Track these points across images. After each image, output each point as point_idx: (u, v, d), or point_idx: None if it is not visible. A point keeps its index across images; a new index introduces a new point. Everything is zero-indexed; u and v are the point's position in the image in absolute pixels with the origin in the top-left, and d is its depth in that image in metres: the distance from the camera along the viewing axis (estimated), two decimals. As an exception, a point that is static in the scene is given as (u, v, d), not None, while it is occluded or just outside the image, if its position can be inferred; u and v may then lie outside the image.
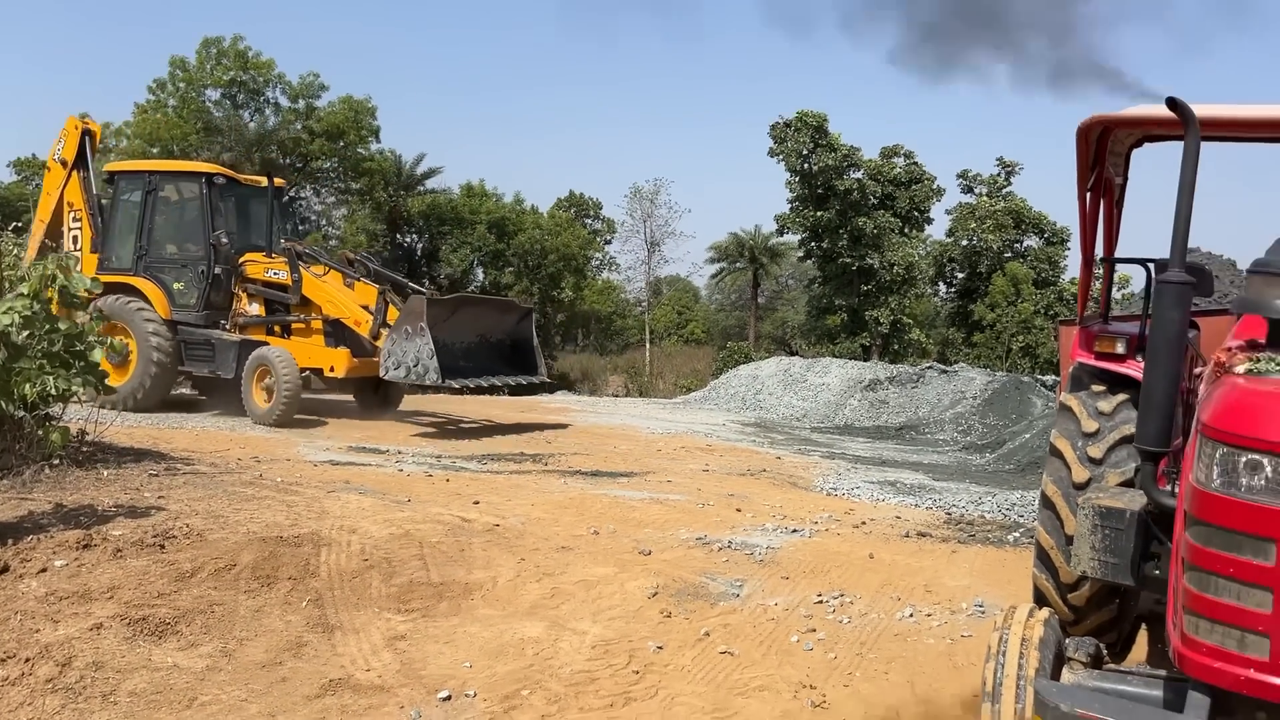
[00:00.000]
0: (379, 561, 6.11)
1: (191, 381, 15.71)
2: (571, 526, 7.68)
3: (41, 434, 7.52)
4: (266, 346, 13.85)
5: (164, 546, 5.84)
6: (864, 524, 8.72)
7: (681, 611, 5.83)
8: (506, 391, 21.14)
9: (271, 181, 15.27)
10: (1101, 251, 5.11)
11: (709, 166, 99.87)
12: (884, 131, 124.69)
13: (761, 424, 19.25)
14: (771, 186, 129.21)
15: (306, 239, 33.72)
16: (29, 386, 7.28)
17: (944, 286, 45.56)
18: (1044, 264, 40.09)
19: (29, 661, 4.38)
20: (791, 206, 39.86)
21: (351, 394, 15.80)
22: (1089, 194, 4.75)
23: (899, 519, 9.11)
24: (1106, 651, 3.53)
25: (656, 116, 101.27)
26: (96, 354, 7.94)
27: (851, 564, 7.21)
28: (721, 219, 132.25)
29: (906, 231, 39.99)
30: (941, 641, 5.69)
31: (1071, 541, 3.86)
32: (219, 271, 14.34)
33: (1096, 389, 4.54)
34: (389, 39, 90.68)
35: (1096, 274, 5.17)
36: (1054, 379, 21.84)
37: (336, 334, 14.13)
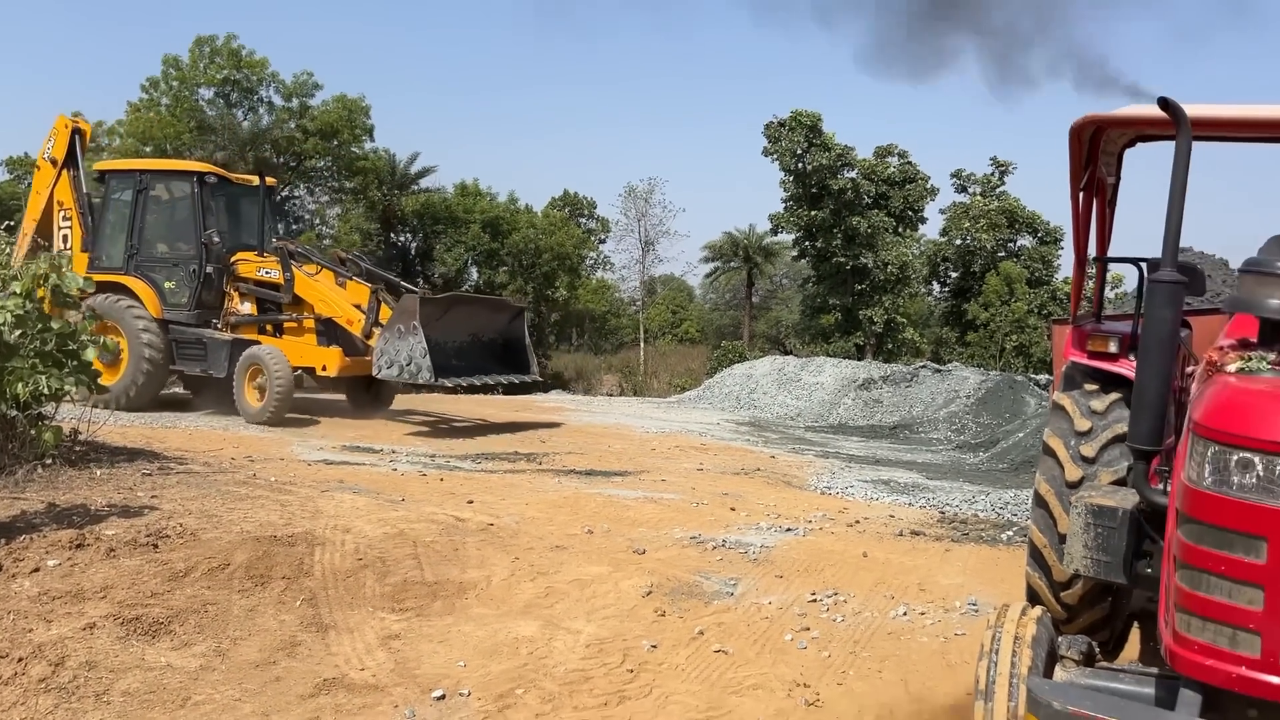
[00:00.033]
0: (373, 561, 6.10)
1: (182, 381, 15.69)
2: (566, 526, 7.68)
3: (34, 433, 7.50)
4: (259, 345, 13.82)
5: (157, 546, 5.83)
6: (858, 523, 8.74)
7: (676, 610, 5.84)
8: (500, 391, 21.15)
9: (263, 180, 15.24)
10: (1094, 251, 5.12)
11: (703, 166, 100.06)
12: (878, 131, 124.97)
13: (756, 423, 19.27)
14: (766, 186, 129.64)
15: (300, 238, 33.67)
16: (21, 386, 7.27)
17: (938, 286, 45.70)
18: (1037, 263, 40.19)
19: (22, 661, 4.37)
20: (786, 206, 39.92)
21: (344, 393, 15.79)
22: (1082, 194, 4.76)
23: (893, 518, 9.12)
24: (1099, 649, 3.54)
25: (651, 116, 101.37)
26: (89, 353, 7.93)
27: (845, 563, 7.22)
28: (716, 218, 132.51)
29: (900, 231, 40.06)
30: (935, 640, 5.70)
31: (1064, 540, 3.87)
32: (210, 270, 14.30)
33: (1089, 388, 4.55)
34: (383, 38, 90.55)
35: (1089, 273, 5.19)
36: (1047, 378, 21.88)
37: (329, 333, 14.12)
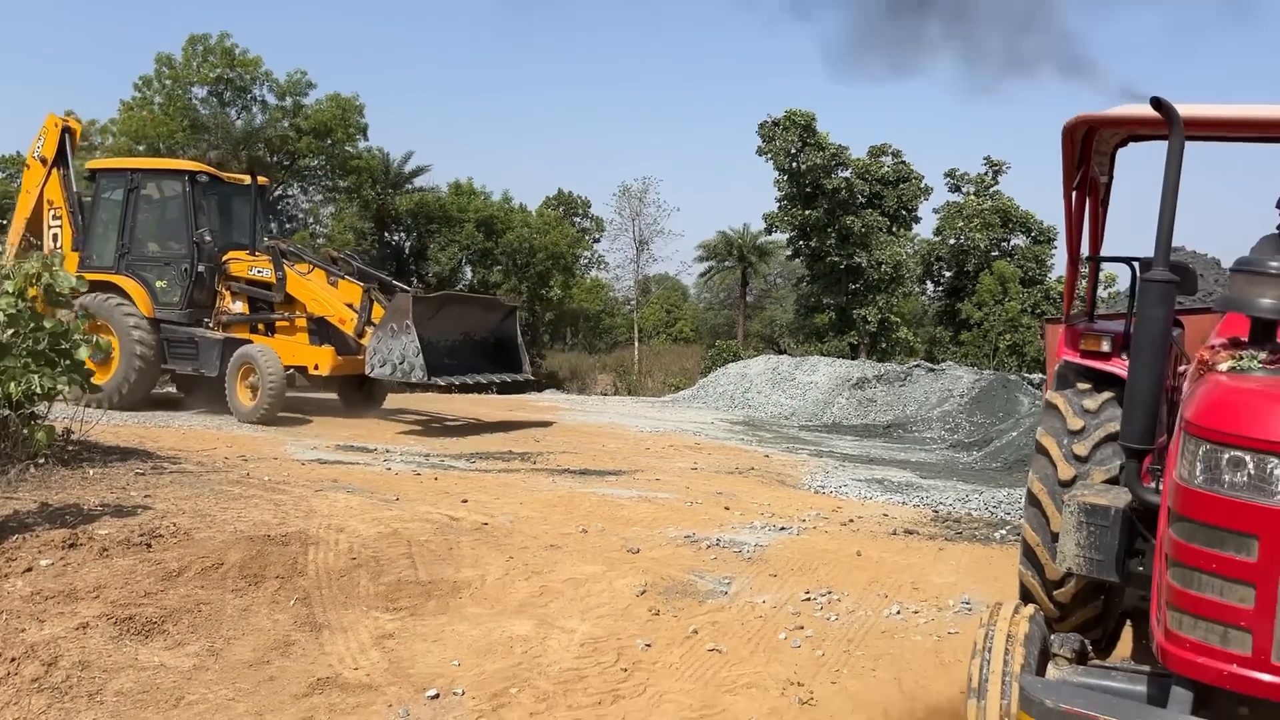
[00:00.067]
0: (367, 560, 6.10)
1: (174, 380, 15.65)
2: (560, 525, 7.68)
3: (27, 433, 7.48)
4: (251, 344, 13.81)
5: (150, 546, 5.82)
6: (851, 522, 8.75)
7: (670, 609, 5.84)
8: (495, 390, 21.13)
9: (255, 180, 15.23)
10: (1087, 250, 5.14)
11: (698, 165, 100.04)
12: (872, 130, 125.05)
13: (750, 422, 19.28)
14: (760, 185, 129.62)
15: (293, 237, 33.61)
16: (14, 385, 7.25)
17: (931, 285, 45.72)
18: (1031, 263, 40.25)
19: (15, 661, 4.36)
20: (780, 205, 39.92)
21: (336, 392, 15.78)
22: (1075, 193, 4.77)
23: (886, 517, 9.13)
24: (1091, 647, 3.55)
25: (645, 115, 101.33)
26: (82, 352, 7.91)
27: (839, 562, 7.23)
28: (710, 218, 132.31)
29: (894, 230, 40.09)
30: (928, 638, 5.71)
31: (1057, 538, 3.88)
32: (202, 269, 14.28)
33: (1082, 387, 4.56)
34: (376, 37, 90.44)
35: (1082, 273, 5.20)
36: (1040, 377, 21.93)
37: (321, 332, 14.11)
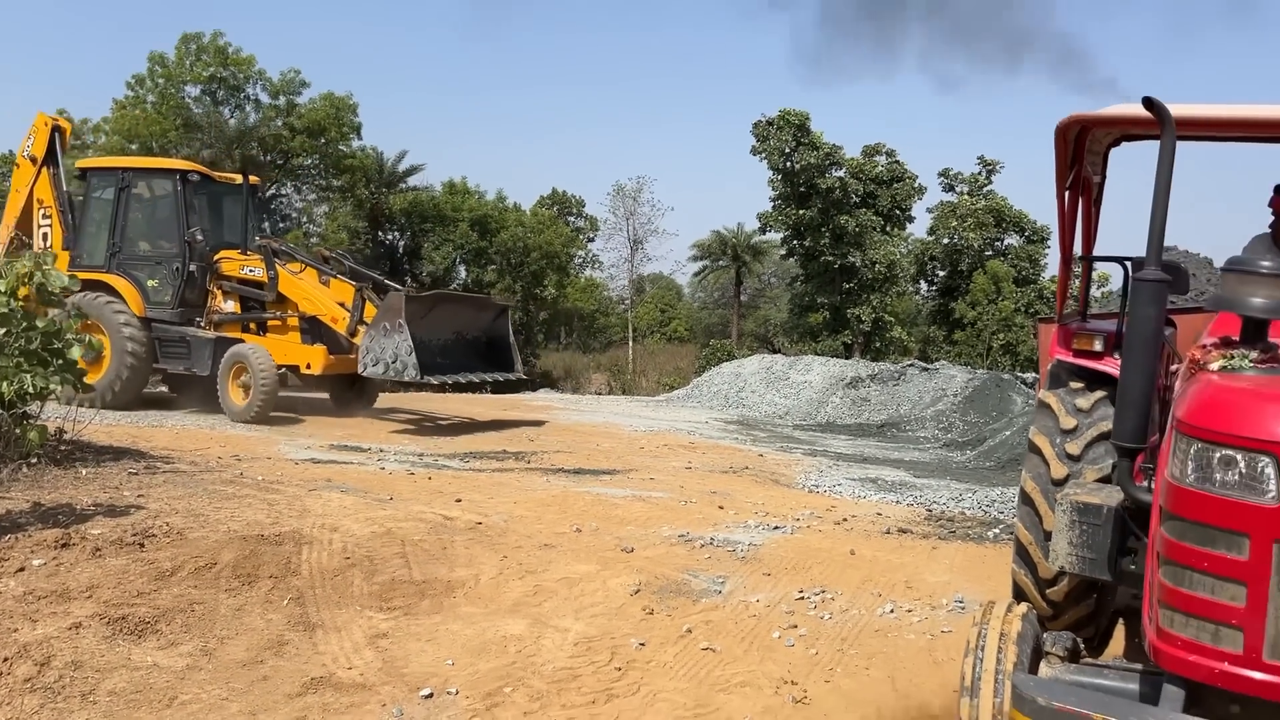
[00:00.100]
0: (361, 560, 6.09)
1: (165, 379, 15.61)
2: (554, 524, 7.68)
3: (19, 432, 7.46)
4: (243, 343, 13.79)
5: (143, 545, 5.81)
6: (845, 521, 8.76)
7: (664, 608, 5.84)
8: (489, 389, 21.11)
9: (246, 179, 15.21)
10: (1080, 250, 5.15)
11: (692, 165, 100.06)
12: (865, 130, 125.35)
13: (744, 421, 19.29)
14: (754, 185, 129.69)
15: (287, 236, 33.57)
16: (6, 385, 7.23)
17: (925, 284, 45.80)
18: (1024, 262, 40.34)
19: (7, 661, 4.35)
20: (774, 205, 39.96)
21: (327, 391, 15.77)
22: (1068, 193, 4.79)
23: (880, 516, 9.15)
24: (1084, 646, 3.56)
25: (639, 114, 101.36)
26: (74, 351, 7.89)
27: (833, 561, 7.24)
28: (704, 217, 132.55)
29: (888, 230, 40.14)
30: (922, 637, 5.72)
31: (1050, 537, 3.89)
32: (194, 269, 14.25)
33: (1075, 386, 4.58)
34: (370, 36, 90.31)
35: (1075, 272, 5.22)
36: (1034, 376, 21.99)
37: (313, 331, 14.09)
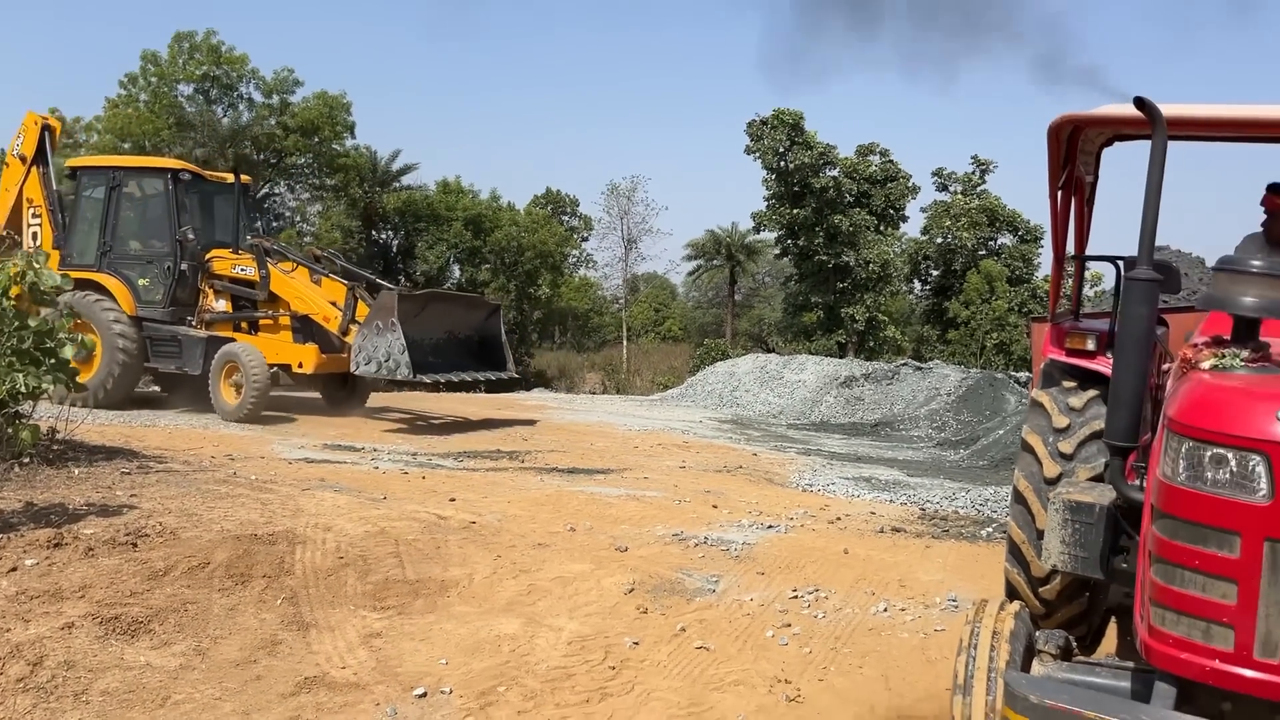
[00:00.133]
0: (354, 559, 6.09)
1: (155, 378, 15.58)
2: (548, 523, 7.68)
3: (11, 432, 7.44)
4: (234, 342, 13.78)
5: (136, 545, 5.80)
6: (839, 520, 8.77)
7: (658, 607, 5.85)
8: (483, 388, 21.10)
9: (238, 178, 15.20)
10: (1072, 249, 5.16)
11: (686, 164, 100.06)
12: (859, 129, 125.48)
13: (738, 421, 19.31)
14: (748, 184, 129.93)
15: (280, 235, 33.49)
16: (-2, 384, 7.21)
17: (919, 284, 45.83)
18: (1018, 261, 40.38)
19: (0, 661, 4.34)
20: (768, 204, 39.95)
21: (319, 390, 15.76)
22: (1060, 192, 4.80)
23: (873, 515, 9.17)
24: (1076, 644, 3.57)
25: (633, 114, 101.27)
26: (67, 351, 7.86)
27: (826, 559, 7.25)
28: (698, 216, 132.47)
29: (882, 229, 40.16)
30: (915, 636, 5.74)
31: (1043, 536, 3.90)
32: (185, 268, 14.24)
33: (1067, 385, 4.58)
34: (364, 35, 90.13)
35: (1068, 271, 5.23)
36: (1027, 375, 22.04)
37: (305, 330, 14.08)
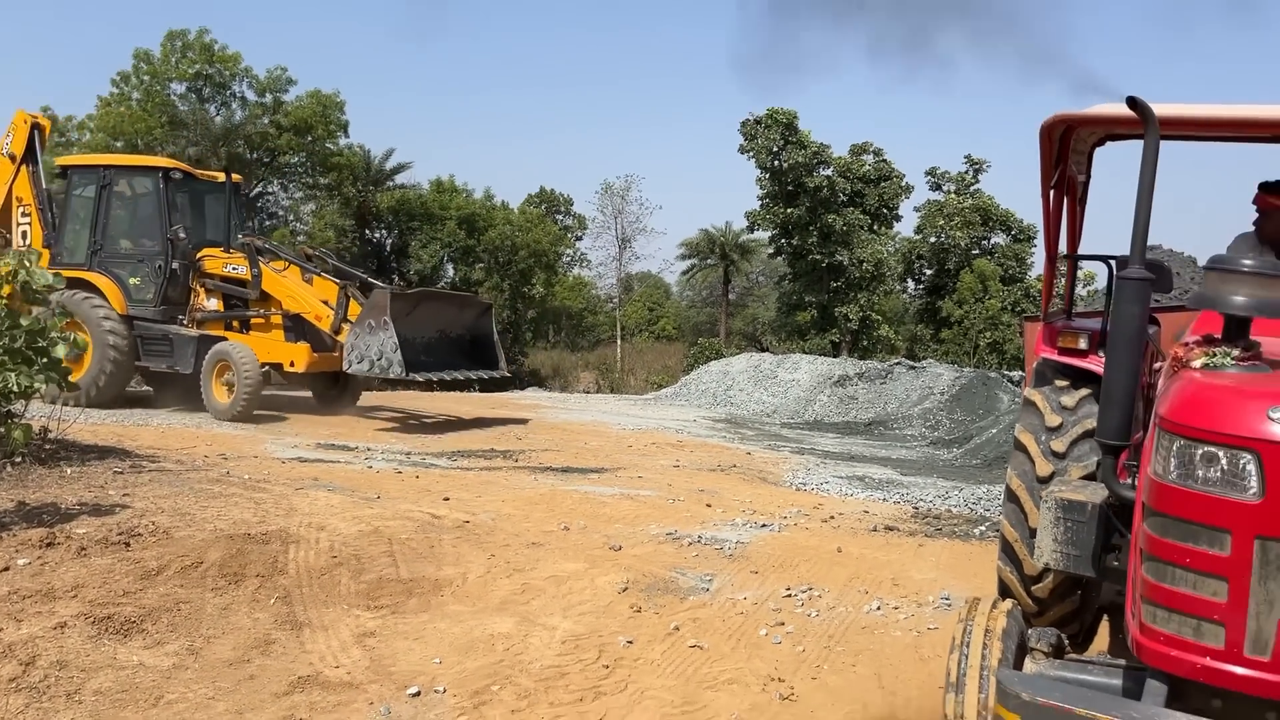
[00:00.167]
0: (348, 558, 6.08)
1: (144, 377, 15.54)
2: (542, 522, 7.68)
3: (3, 431, 7.42)
4: (226, 341, 13.75)
5: (129, 544, 5.78)
6: (832, 518, 8.78)
7: (651, 606, 5.85)
8: (476, 388, 21.08)
9: (229, 177, 15.18)
10: (1065, 248, 5.17)
11: (680, 163, 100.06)
12: (853, 129, 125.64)
13: (732, 420, 19.32)
14: (742, 184, 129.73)
15: (273, 234, 33.42)
16: (-10, 383, 7.18)
17: (912, 283, 45.91)
18: (1011, 261, 40.48)
19: (-9, 661, 4.33)
20: (762, 203, 39.99)
21: (310, 389, 15.74)
22: (1053, 192, 4.81)
23: (867, 513, 9.18)
24: (1069, 642, 3.58)
25: (627, 113, 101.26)
26: (59, 350, 7.84)
27: (820, 558, 7.26)
28: (692, 215, 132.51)
29: (875, 228, 40.23)
30: (908, 634, 5.75)
31: (1035, 534, 3.91)
32: (176, 267, 14.20)
33: (1060, 384, 4.59)
34: (357, 34, 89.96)
35: (1061, 270, 5.24)
36: (1020, 374, 22.08)
37: (296, 329, 14.05)
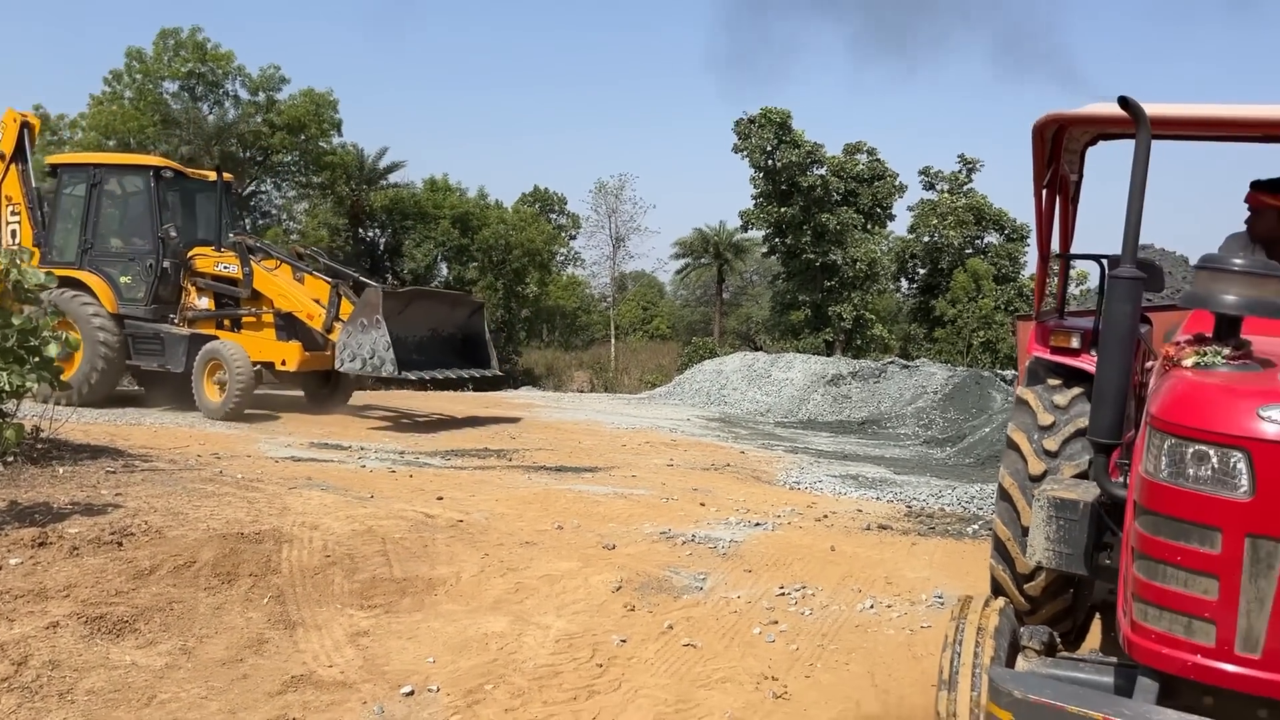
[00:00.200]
0: (341, 558, 6.07)
1: (134, 376, 15.50)
2: (535, 521, 7.68)
3: (-5, 430, 7.39)
4: (218, 340, 13.72)
5: (122, 544, 5.77)
6: (826, 517, 8.80)
7: (645, 605, 5.86)
8: (470, 386, 21.06)
9: (220, 176, 15.16)
10: (1057, 248, 5.19)
11: (674, 162, 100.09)
12: (847, 128, 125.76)
13: (726, 419, 19.33)
14: (736, 183, 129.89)
15: (266, 233, 33.33)
16: (-19, 382, 7.16)
17: (906, 282, 45.98)
18: (1004, 260, 40.55)
19: (-17, 661, 4.31)
20: (756, 202, 40.02)
21: (301, 388, 15.71)
22: (1045, 191, 4.82)
23: (860, 512, 9.20)
24: (1061, 640, 3.59)
25: (622, 112, 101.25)
26: (51, 349, 7.81)
27: (813, 557, 7.27)
28: (686, 215, 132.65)
29: (869, 228, 40.29)
30: (901, 632, 5.76)
31: (1028, 533, 3.92)
32: (167, 265, 14.18)
33: (1052, 383, 4.61)
34: (351, 33, 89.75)
35: (1053, 270, 5.26)
36: (1013, 374, 22.13)
37: (288, 328, 14.05)
